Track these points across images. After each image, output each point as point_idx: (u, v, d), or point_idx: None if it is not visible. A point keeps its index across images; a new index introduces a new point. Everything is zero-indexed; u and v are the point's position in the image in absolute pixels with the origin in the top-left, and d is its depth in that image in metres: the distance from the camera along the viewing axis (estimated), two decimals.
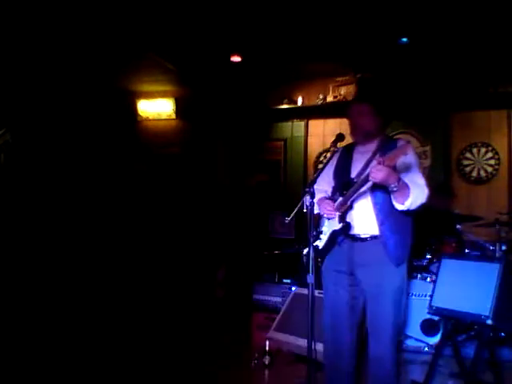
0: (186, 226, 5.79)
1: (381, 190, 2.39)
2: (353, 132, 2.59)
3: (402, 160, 2.32)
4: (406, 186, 2.29)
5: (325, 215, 2.52)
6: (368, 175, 2.28)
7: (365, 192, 2.45)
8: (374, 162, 2.31)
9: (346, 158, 2.62)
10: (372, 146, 2.52)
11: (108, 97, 6.16)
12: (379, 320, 2.45)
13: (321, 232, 2.60)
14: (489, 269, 2.90)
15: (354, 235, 2.50)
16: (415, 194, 2.30)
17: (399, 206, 2.35)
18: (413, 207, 2.34)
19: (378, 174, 2.21)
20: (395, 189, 2.26)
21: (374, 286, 2.44)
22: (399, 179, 2.27)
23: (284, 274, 4.97)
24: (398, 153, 2.19)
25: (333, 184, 2.65)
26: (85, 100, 6.13)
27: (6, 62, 5.07)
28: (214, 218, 5.68)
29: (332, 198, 2.57)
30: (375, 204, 2.44)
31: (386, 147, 2.39)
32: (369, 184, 2.38)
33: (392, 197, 2.34)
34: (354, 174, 2.52)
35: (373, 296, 2.46)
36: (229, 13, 3.92)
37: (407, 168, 2.41)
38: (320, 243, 2.58)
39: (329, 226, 2.56)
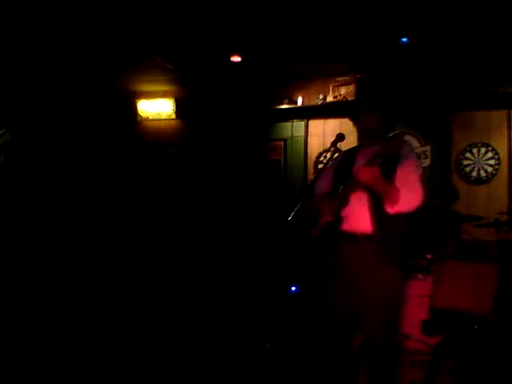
0: (184, 225, 5.79)
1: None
2: (361, 135, 2.60)
3: (399, 160, 2.33)
4: (396, 191, 2.30)
5: (324, 214, 2.52)
6: (354, 175, 2.31)
7: (361, 190, 2.46)
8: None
9: (348, 159, 2.63)
10: (376, 148, 2.52)
11: (108, 97, 6.16)
12: (376, 319, 2.45)
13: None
14: (489, 269, 2.90)
15: (349, 234, 2.50)
16: (405, 199, 2.30)
17: (389, 209, 2.36)
18: (404, 211, 2.35)
19: (363, 175, 2.24)
20: (381, 194, 2.28)
21: (370, 285, 2.44)
22: (386, 185, 2.28)
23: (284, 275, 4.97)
24: (386, 149, 2.21)
25: (333, 185, 2.66)
26: (85, 100, 6.13)
27: (6, 62, 5.08)
28: (212, 217, 5.69)
29: (331, 197, 2.58)
30: (371, 202, 2.45)
31: (389, 148, 2.40)
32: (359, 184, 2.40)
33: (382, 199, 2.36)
34: None
35: (368, 295, 2.46)
36: (229, 13, 3.91)
37: (403, 169, 2.41)
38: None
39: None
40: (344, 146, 2.72)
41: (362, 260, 2.45)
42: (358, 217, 2.47)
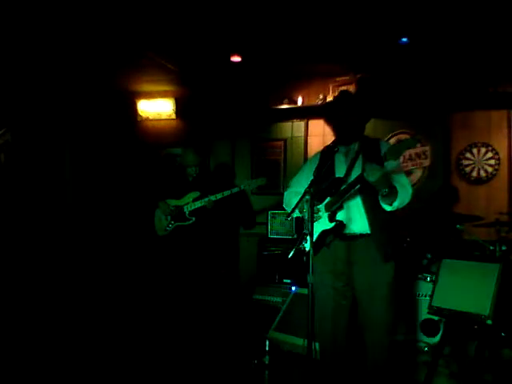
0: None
1: (370, 187, 2.40)
2: (337, 133, 2.60)
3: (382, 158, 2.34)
4: (394, 188, 2.32)
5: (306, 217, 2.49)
6: (362, 175, 2.30)
7: (355, 191, 2.47)
8: (359, 162, 2.35)
9: (327, 158, 2.61)
10: (354, 146, 2.54)
11: (108, 97, 6.16)
12: (373, 317, 2.48)
13: (306, 233, 2.57)
14: (489, 269, 2.90)
15: (344, 234, 2.51)
16: (402, 196, 2.35)
17: (387, 207, 2.40)
18: (400, 207, 2.40)
19: (373, 174, 2.23)
20: (384, 193, 2.30)
21: (367, 284, 2.46)
22: (390, 184, 2.30)
23: (284, 274, 4.97)
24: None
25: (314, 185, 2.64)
26: (85, 100, 6.13)
27: (6, 62, 5.08)
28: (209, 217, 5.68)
29: (317, 199, 2.56)
30: (365, 202, 2.47)
31: (369, 147, 2.42)
32: (361, 184, 2.40)
33: (380, 198, 2.37)
34: (338, 174, 2.53)
35: (366, 294, 2.48)
36: (229, 13, 3.92)
37: (394, 168, 2.43)
38: (307, 244, 2.56)
39: (316, 226, 2.54)
40: None
41: (361, 258, 2.47)
42: (355, 219, 2.49)
